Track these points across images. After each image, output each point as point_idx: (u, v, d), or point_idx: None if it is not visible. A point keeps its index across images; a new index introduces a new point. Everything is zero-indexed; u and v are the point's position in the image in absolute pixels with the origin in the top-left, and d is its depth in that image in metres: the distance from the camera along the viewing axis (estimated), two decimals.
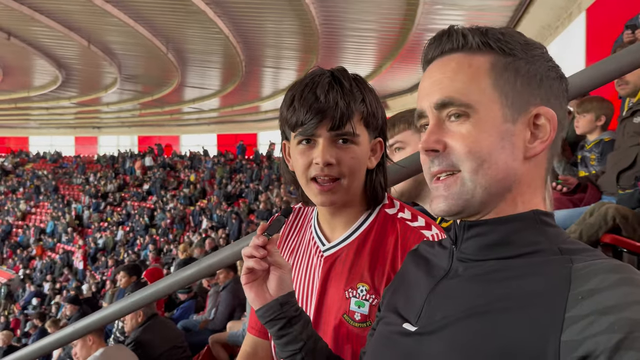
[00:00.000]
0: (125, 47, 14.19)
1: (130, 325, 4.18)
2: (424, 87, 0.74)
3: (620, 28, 4.19)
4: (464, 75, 0.70)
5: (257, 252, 0.93)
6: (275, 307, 0.92)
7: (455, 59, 0.72)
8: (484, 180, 0.69)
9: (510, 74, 0.70)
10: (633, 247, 2.51)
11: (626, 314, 0.55)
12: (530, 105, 0.70)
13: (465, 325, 0.66)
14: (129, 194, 22.24)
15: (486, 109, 0.69)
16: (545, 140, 0.70)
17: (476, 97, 0.69)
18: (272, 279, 0.95)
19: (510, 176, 0.70)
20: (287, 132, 1.11)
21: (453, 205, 0.71)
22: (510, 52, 0.70)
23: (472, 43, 0.71)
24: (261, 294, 0.94)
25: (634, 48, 1.38)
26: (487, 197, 0.70)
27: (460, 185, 0.70)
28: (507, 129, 0.69)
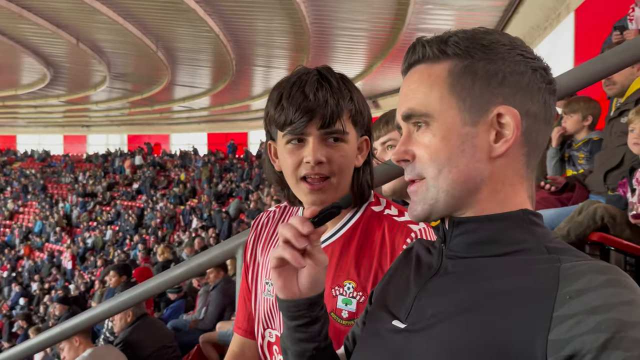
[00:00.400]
0: (114, 45, 14.09)
1: (119, 325, 4.15)
2: (398, 100, 0.78)
3: (609, 29, 4.23)
4: (423, 86, 0.73)
5: (297, 241, 0.77)
6: (303, 306, 0.83)
7: (418, 70, 0.75)
8: (445, 185, 0.71)
9: (467, 78, 0.71)
10: (620, 246, 2.54)
11: (613, 314, 0.55)
12: (491, 105, 0.70)
13: (454, 322, 0.66)
14: (119, 193, 22.10)
15: (444, 116, 0.71)
16: (509, 139, 0.70)
17: (434, 105, 0.72)
18: (305, 274, 0.82)
19: (474, 177, 0.70)
20: (274, 132, 1.11)
21: (420, 211, 0.74)
22: (467, 56, 0.71)
23: (430, 53, 0.73)
24: (290, 285, 0.82)
25: (620, 49, 1.40)
26: (452, 200, 0.72)
27: (425, 191, 0.73)
28: (468, 132, 0.70)
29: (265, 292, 1.20)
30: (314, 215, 0.79)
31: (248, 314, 1.28)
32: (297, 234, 0.77)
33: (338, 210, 0.80)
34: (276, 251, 0.80)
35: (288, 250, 0.78)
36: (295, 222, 0.79)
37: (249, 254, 1.28)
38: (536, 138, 0.72)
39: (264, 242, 1.25)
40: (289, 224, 0.79)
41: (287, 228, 0.79)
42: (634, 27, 3.90)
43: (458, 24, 10.24)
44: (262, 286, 1.22)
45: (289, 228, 0.78)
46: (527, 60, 0.72)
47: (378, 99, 17.12)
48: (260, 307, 1.22)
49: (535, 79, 0.72)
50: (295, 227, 0.78)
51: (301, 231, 0.77)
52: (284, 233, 0.78)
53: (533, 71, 0.72)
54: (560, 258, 0.65)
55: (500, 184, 0.72)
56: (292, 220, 0.80)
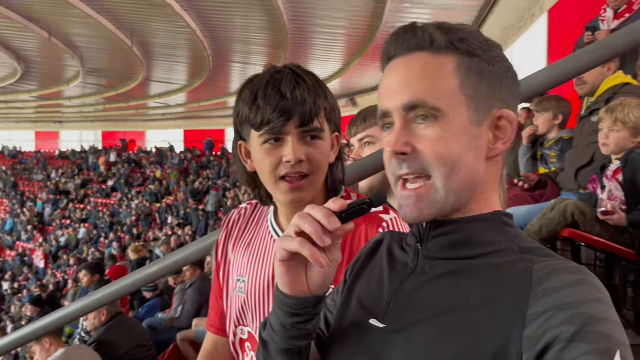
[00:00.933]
0: (88, 39, 13.81)
1: (93, 324, 4.09)
2: (389, 86, 0.72)
3: (581, 29, 4.32)
4: (431, 77, 0.69)
5: (321, 238, 0.67)
6: (310, 304, 0.74)
7: (422, 58, 0.70)
8: (456, 185, 0.69)
9: (475, 76, 0.70)
10: (590, 242, 2.60)
11: (582, 310, 0.58)
12: (493, 108, 0.71)
13: (433, 323, 0.67)
14: (93, 190, 21.71)
15: (454, 112, 0.69)
16: (507, 142, 0.72)
17: (446, 100, 0.69)
18: (318, 271, 0.73)
19: (477, 178, 0.71)
20: (246, 132, 1.09)
21: (426, 214, 0.71)
22: (474, 53, 0.70)
23: (439, 43, 0.70)
24: (300, 281, 0.74)
25: (591, 48, 1.43)
26: (458, 201, 0.71)
27: (433, 194, 0.70)
28: (473, 132, 0.70)
29: (237, 290, 1.20)
30: (342, 210, 0.69)
31: (220, 312, 1.28)
32: (321, 230, 0.67)
33: (369, 207, 0.70)
34: (288, 243, 0.70)
35: (307, 247, 0.68)
36: (319, 215, 0.68)
37: (221, 251, 1.28)
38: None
39: (235, 240, 1.25)
40: (311, 216, 0.68)
41: (307, 221, 0.68)
42: (605, 28, 3.99)
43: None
44: (234, 283, 1.21)
45: (311, 221, 0.68)
46: (511, 67, 0.74)
47: (356, 96, 17.16)
48: (232, 305, 1.21)
49: (519, 86, 0.75)
50: (320, 220, 0.67)
51: (327, 227, 0.67)
52: (303, 225, 0.68)
53: (517, 78, 0.75)
54: (533, 258, 0.66)
55: (487, 185, 0.73)
56: (314, 212, 0.68)
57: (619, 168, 2.56)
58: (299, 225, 0.69)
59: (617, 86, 2.94)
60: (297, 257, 0.72)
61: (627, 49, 1.44)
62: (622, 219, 2.47)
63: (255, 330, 1.17)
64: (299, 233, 0.69)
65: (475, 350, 0.62)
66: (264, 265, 1.16)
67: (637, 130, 2.51)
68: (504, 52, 0.75)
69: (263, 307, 1.15)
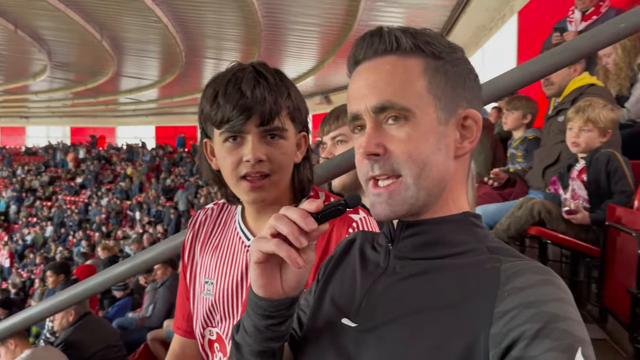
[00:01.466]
0: (55, 33, 13.45)
1: (61, 324, 3.99)
2: (358, 89, 0.74)
3: (550, 30, 4.41)
4: (399, 79, 0.71)
5: (297, 239, 0.67)
6: (284, 306, 0.75)
7: (389, 61, 0.72)
8: (426, 183, 0.71)
9: (441, 77, 0.72)
10: (556, 239, 2.67)
11: (545, 308, 0.60)
12: (459, 108, 0.73)
13: (404, 323, 0.68)
14: (61, 187, 21.20)
15: (423, 113, 0.71)
16: (473, 140, 0.74)
17: (414, 100, 0.70)
18: (293, 272, 0.73)
19: (446, 176, 0.73)
20: (210, 130, 1.08)
21: (398, 211, 0.72)
22: (439, 56, 0.73)
23: (405, 46, 0.72)
24: (274, 283, 0.73)
25: (558, 50, 1.46)
26: (429, 199, 0.72)
27: (404, 191, 0.71)
28: (442, 131, 0.72)
29: (205, 292, 1.18)
30: (318, 211, 0.69)
31: (187, 313, 1.26)
32: (297, 231, 0.68)
33: (344, 208, 0.71)
34: (264, 245, 0.70)
35: (284, 248, 0.68)
36: (295, 216, 0.68)
37: (187, 253, 1.26)
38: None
39: (202, 241, 1.23)
40: (287, 217, 0.69)
41: (283, 222, 0.68)
42: (573, 29, 4.09)
43: (408, 21, 10.42)
44: (201, 285, 1.20)
45: (286, 222, 0.68)
46: (473, 69, 0.77)
47: (330, 94, 17.19)
48: (200, 307, 1.20)
49: (480, 88, 0.77)
50: (296, 221, 0.68)
51: (304, 228, 0.67)
52: (279, 226, 0.68)
53: (477, 80, 0.77)
54: (500, 258, 0.68)
55: (455, 184, 0.75)
56: (290, 213, 0.69)
57: (584, 168, 2.63)
58: (274, 227, 0.69)
59: (583, 87, 3.02)
60: (272, 259, 0.72)
61: (591, 51, 1.48)
62: (585, 217, 2.54)
63: (223, 332, 1.16)
64: (275, 234, 0.69)
65: (445, 349, 0.63)
66: (232, 267, 1.15)
67: (605, 130, 2.59)
68: (477, 52, 0.78)
69: (231, 309, 1.14)
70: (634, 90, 3.19)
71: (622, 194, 2.49)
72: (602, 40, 1.38)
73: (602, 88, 3.06)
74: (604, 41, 1.39)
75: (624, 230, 2.18)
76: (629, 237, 2.11)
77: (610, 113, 2.57)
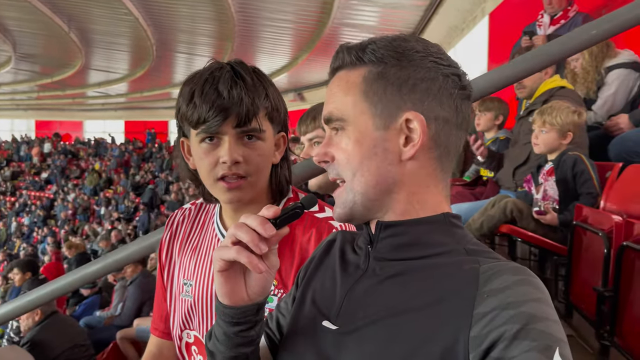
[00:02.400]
0: (20, 23, 13.03)
1: (26, 324, 3.90)
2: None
3: (519, 33, 4.51)
4: (340, 92, 0.76)
5: (257, 246, 0.70)
6: (250, 312, 0.77)
7: (339, 76, 0.78)
8: (359, 187, 0.74)
9: (380, 84, 0.73)
10: (526, 237, 2.74)
11: (524, 309, 0.61)
12: (400, 111, 0.73)
13: (383, 325, 0.68)
14: (25, 182, 20.60)
15: (357, 121, 0.74)
16: (416, 144, 0.72)
17: (348, 110, 0.75)
18: (257, 278, 0.75)
19: (386, 179, 0.73)
20: (187, 129, 1.07)
21: (342, 213, 0.77)
22: (381, 62, 0.74)
23: (349, 60, 0.76)
24: (238, 290, 0.75)
25: (531, 55, 1.49)
26: (368, 202, 0.74)
27: (345, 194, 0.76)
28: (379, 136, 0.73)
29: (183, 293, 1.17)
30: (277, 216, 0.72)
31: (165, 314, 1.24)
32: (257, 238, 0.70)
33: (301, 211, 0.75)
34: (225, 253, 0.72)
35: (244, 254, 0.71)
36: (254, 224, 0.71)
37: (164, 253, 1.24)
38: (447, 142, 0.75)
39: (180, 241, 1.22)
40: (245, 224, 0.71)
41: (243, 230, 0.71)
42: (542, 33, 4.19)
43: (382, 20, 10.49)
44: (180, 287, 1.18)
45: (246, 230, 0.71)
46: (439, 66, 0.74)
47: (303, 91, 17.16)
48: (178, 309, 1.18)
49: (447, 85, 0.74)
50: (255, 229, 0.71)
51: (263, 234, 0.70)
52: (239, 235, 0.71)
53: (444, 77, 0.74)
54: (479, 259, 0.69)
55: (415, 186, 0.74)
56: (249, 221, 0.71)
57: (552, 169, 2.70)
58: (235, 235, 0.71)
59: (553, 89, 3.10)
60: (235, 266, 0.75)
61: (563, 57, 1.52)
62: (554, 218, 2.62)
63: (201, 334, 1.15)
64: (235, 242, 0.72)
65: (424, 350, 0.64)
66: (211, 268, 1.13)
67: (563, 131, 2.67)
68: (449, 52, 0.78)
69: (211, 311, 1.12)
70: (600, 94, 3.29)
71: (588, 196, 2.57)
72: (573, 46, 1.41)
73: (572, 90, 3.14)
74: (575, 47, 1.43)
75: (591, 229, 2.25)
76: (596, 237, 2.17)
77: (569, 116, 2.64)
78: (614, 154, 2.86)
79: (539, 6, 4.40)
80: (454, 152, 0.77)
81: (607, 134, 3.06)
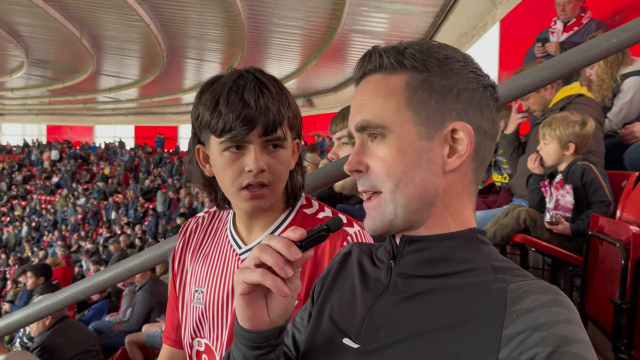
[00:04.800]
0: (33, 29, 13.19)
1: (37, 329, 3.91)
2: (351, 108, 0.76)
3: (531, 39, 4.48)
4: (379, 97, 0.72)
5: (283, 270, 0.67)
6: (272, 336, 0.74)
7: (374, 80, 0.74)
8: (403, 199, 0.70)
9: (424, 92, 0.71)
10: (540, 247, 2.70)
11: (555, 331, 0.59)
12: (446, 121, 0.71)
13: (407, 345, 0.66)
14: (35, 186, 20.77)
15: (400, 129, 0.70)
16: (463, 155, 0.71)
17: (390, 117, 0.71)
18: (279, 301, 0.73)
19: (429, 191, 0.71)
20: (205, 136, 1.06)
21: (379, 226, 0.73)
22: (424, 69, 0.71)
23: (388, 63, 0.72)
24: (260, 314, 0.73)
25: (550, 63, 1.48)
26: (409, 215, 0.71)
27: (383, 207, 0.72)
28: (423, 146, 0.70)
29: (195, 301, 1.16)
30: (302, 239, 0.69)
31: (176, 323, 1.24)
32: (282, 261, 0.68)
33: (327, 234, 0.72)
34: (249, 275, 0.69)
35: (269, 278, 0.68)
36: (279, 246, 0.68)
37: (177, 261, 1.24)
38: (484, 153, 0.74)
39: (193, 250, 1.22)
40: (270, 247, 0.69)
41: (268, 252, 0.68)
42: (555, 40, 4.16)
43: (391, 27, 10.49)
44: (191, 294, 1.18)
45: (271, 253, 0.68)
46: (478, 77, 0.73)
47: (312, 97, 17.19)
48: (189, 316, 1.18)
49: (486, 96, 0.73)
50: (280, 251, 0.68)
51: (288, 257, 0.68)
52: (263, 257, 0.68)
53: (484, 88, 0.73)
54: (506, 278, 0.67)
55: (450, 199, 0.73)
56: (273, 243, 0.69)
57: (562, 180, 2.68)
58: (259, 257, 0.69)
59: (571, 96, 3.06)
60: (257, 289, 0.72)
61: (583, 66, 1.50)
62: (566, 228, 2.58)
63: (212, 342, 1.14)
64: (259, 264, 0.69)
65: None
66: (223, 276, 1.13)
67: (564, 143, 2.65)
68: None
69: (221, 319, 1.12)
70: (616, 101, 3.25)
71: (601, 204, 2.54)
72: (593, 54, 1.39)
73: (590, 99, 3.10)
74: (595, 55, 1.41)
75: (607, 240, 2.21)
76: (613, 248, 2.13)
77: (569, 127, 2.62)
78: (630, 163, 2.82)
79: (552, 13, 4.38)
80: (487, 163, 0.76)
81: (623, 142, 3.03)
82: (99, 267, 8.79)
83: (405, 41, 0.74)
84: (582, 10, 4.15)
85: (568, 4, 4.11)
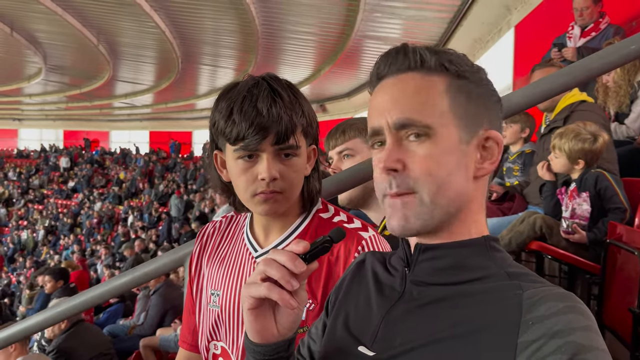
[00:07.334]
0: (52, 36, 13.41)
1: (53, 331, 3.96)
2: (380, 104, 0.73)
3: (546, 45, 4.44)
4: (422, 96, 0.70)
5: (289, 282, 0.69)
6: (282, 348, 0.75)
7: (413, 78, 0.72)
8: (443, 201, 0.70)
9: (463, 97, 0.71)
10: (555, 254, 2.67)
11: (572, 338, 0.58)
12: (480, 128, 0.72)
13: (424, 352, 0.66)
14: (52, 191, 21.04)
15: (445, 131, 0.70)
16: (494, 162, 0.73)
17: (435, 118, 0.70)
18: (287, 314, 0.74)
19: (463, 196, 0.71)
20: (222, 143, 1.08)
21: (411, 226, 0.70)
22: (462, 75, 0.72)
23: (430, 63, 0.71)
24: (269, 327, 0.74)
25: (567, 70, 1.47)
26: (445, 217, 0.71)
27: (419, 206, 0.70)
28: (462, 150, 0.71)
29: (211, 304, 1.17)
30: (306, 252, 0.71)
31: (193, 327, 1.25)
32: (288, 274, 0.69)
33: (330, 245, 0.72)
34: (255, 290, 0.71)
35: (276, 291, 0.69)
36: (283, 259, 0.70)
37: (194, 266, 1.25)
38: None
39: (209, 254, 1.23)
40: (275, 261, 0.70)
41: (273, 266, 0.70)
42: (572, 45, 4.12)
43: (405, 33, 10.47)
44: (208, 297, 1.19)
45: (277, 267, 0.70)
46: (494, 91, 0.76)
47: (326, 103, 17.21)
48: (205, 319, 1.19)
49: (500, 109, 0.77)
50: (285, 265, 0.69)
51: (293, 270, 0.69)
52: (269, 271, 0.70)
53: (498, 101, 0.77)
54: (521, 284, 0.66)
55: (474, 205, 0.73)
56: (278, 257, 0.70)
57: (575, 189, 2.65)
58: (264, 271, 0.70)
59: (573, 104, 3.02)
60: (264, 303, 0.73)
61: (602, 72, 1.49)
62: (583, 237, 2.56)
63: (229, 345, 1.14)
64: (265, 279, 0.71)
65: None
66: (239, 278, 1.14)
67: (572, 157, 2.63)
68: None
69: (238, 322, 1.12)
70: (634, 107, 3.21)
71: (617, 210, 2.52)
72: (612, 60, 1.38)
73: (593, 104, 3.07)
74: (614, 62, 1.40)
75: (626, 248, 2.18)
76: (631, 256, 2.11)
77: (578, 143, 2.59)
78: None
79: (568, 18, 4.34)
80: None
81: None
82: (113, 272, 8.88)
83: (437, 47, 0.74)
84: (600, 15, 4.11)
85: (586, 9, 4.07)
